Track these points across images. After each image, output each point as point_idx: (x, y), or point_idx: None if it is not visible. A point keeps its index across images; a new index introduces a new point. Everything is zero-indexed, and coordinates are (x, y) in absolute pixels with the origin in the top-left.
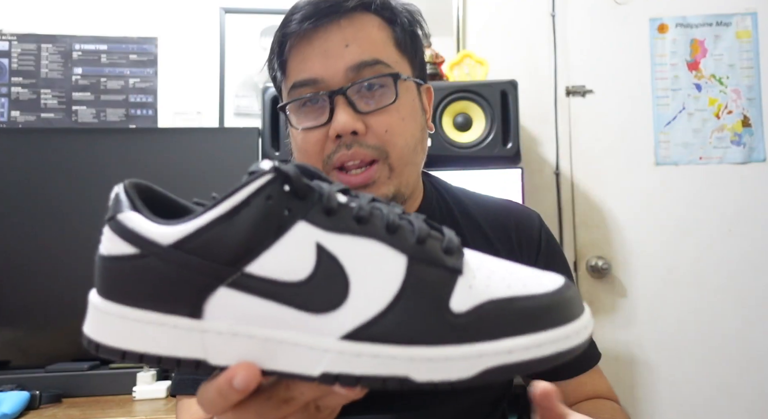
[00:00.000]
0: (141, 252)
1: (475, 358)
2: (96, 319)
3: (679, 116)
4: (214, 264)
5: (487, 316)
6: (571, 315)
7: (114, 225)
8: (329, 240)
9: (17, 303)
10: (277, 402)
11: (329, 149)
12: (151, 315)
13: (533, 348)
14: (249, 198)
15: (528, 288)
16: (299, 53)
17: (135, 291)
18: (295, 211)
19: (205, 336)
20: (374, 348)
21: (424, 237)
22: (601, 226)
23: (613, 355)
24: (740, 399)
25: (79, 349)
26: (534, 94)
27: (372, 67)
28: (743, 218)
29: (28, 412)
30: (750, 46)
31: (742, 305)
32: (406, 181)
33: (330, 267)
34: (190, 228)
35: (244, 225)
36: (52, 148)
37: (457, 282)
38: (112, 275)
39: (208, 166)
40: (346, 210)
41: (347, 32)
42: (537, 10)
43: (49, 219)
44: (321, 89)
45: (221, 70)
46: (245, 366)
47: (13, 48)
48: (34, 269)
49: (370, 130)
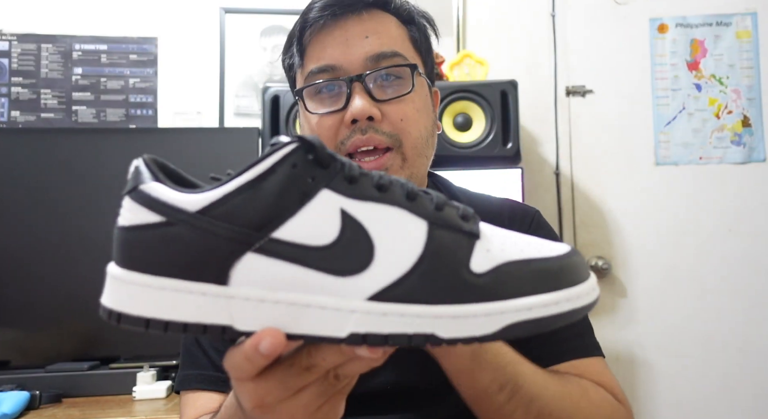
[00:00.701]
0: (167, 219)
1: (498, 315)
2: (116, 290)
3: (679, 116)
4: (242, 229)
5: (506, 276)
6: (581, 276)
7: (136, 196)
8: (353, 206)
9: (17, 303)
10: (299, 369)
11: (343, 135)
12: (177, 283)
13: (551, 305)
14: (275, 165)
15: (540, 252)
16: (319, 41)
17: (160, 259)
18: (318, 179)
19: (231, 303)
20: (400, 307)
21: (442, 204)
22: (601, 226)
23: (613, 355)
24: (740, 399)
25: (79, 349)
26: (534, 94)
27: (390, 59)
28: (743, 218)
29: (28, 412)
30: (750, 46)
31: (742, 305)
32: (417, 172)
33: (355, 231)
34: (217, 195)
35: (271, 191)
36: (52, 148)
37: (475, 245)
38: (135, 244)
39: (208, 166)
40: (367, 179)
41: (368, 25)
42: (537, 10)
43: (49, 219)
44: (338, 76)
45: (221, 70)
46: (271, 332)
47: (13, 48)
48: (34, 269)
49: (385, 118)
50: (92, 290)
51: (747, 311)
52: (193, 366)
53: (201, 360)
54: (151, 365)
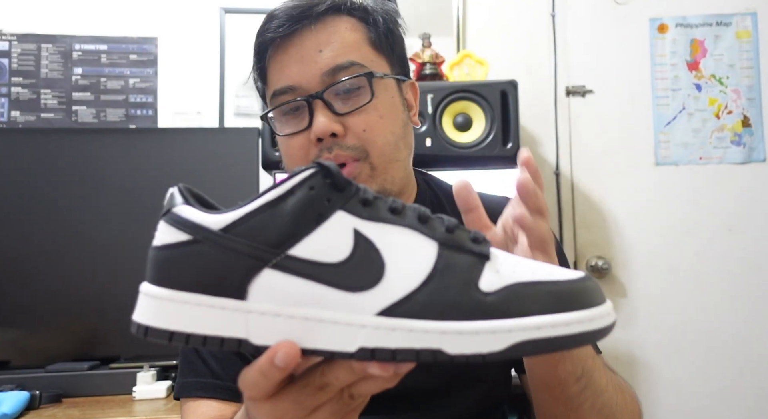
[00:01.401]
0: (194, 238)
1: (505, 333)
2: (146, 306)
3: (679, 116)
4: (260, 246)
5: (515, 295)
6: (595, 301)
7: (169, 218)
8: (366, 227)
9: (17, 303)
10: (313, 389)
11: (313, 154)
12: (199, 298)
13: (560, 326)
14: (294, 188)
15: (553, 276)
16: (276, 61)
17: (185, 275)
18: (334, 201)
19: (248, 317)
20: (408, 322)
21: (453, 227)
22: (601, 226)
23: (613, 355)
24: (740, 399)
25: (79, 349)
26: (534, 94)
27: (347, 70)
28: (743, 218)
29: (28, 412)
30: (750, 46)
31: (742, 305)
32: (391, 177)
33: (367, 250)
34: (239, 214)
35: (289, 211)
36: (52, 148)
37: (485, 266)
38: (165, 262)
39: (208, 166)
40: (381, 202)
41: (320, 37)
42: (537, 10)
43: (49, 219)
44: (299, 95)
45: (221, 70)
46: (286, 345)
47: (13, 48)
48: (34, 269)
49: (348, 131)
50: (92, 290)
51: (747, 311)
52: (192, 374)
53: (200, 368)
54: (151, 365)
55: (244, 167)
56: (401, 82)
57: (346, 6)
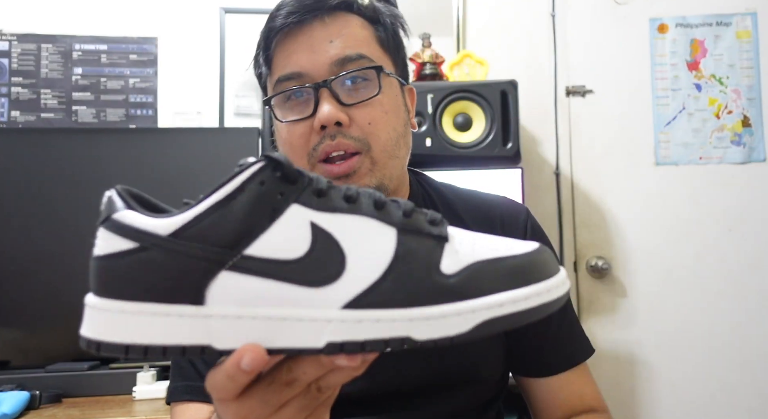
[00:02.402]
0: (140, 245)
1: (469, 313)
2: (94, 319)
3: (679, 116)
4: (214, 248)
5: (476, 275)
6: (551, 271)
7: (110, 225)
8: (322, 218)
9: (17, 303)
10: (280, 385)
11: (314, 141)
12: (153, 307)
13: (521, 300)
14: (243, 184)
15: (510, 250)
16: (284, 48)
17: (135, 284)
18: (287, 194)
19: (209, 322)
20: (374, 313)
21: (410, 211)
22: (601, 226)
23: (613, 355)
24: (740, 399)
25: (79, 349)
26: (534, 94)
27: (356, 62)
28: (743, 218)
29: (28, 412)
30: (750, 46)
31: (742, 305)
32: (389, 174)
33: (326, 243)
34: (188, 217)
35: (241, 209)
36: (52, 148)
37: (445, 248)
38: (110, 272)
39: (208, 166)
40: (335, 191)
41: (331, 29)
42: (537, 10)
43: (49, 219)
44: (306, 82)
45: (221, 70)
46: (251, 348)
47: (13, 48)
48: (33, 269)
49: (353, 122)
50: None
51: (747, 311)
52: (181, 378)
53: (188, 371)
54: (151, 365)
55: None
56: (402, 86)
57: (358, 5)
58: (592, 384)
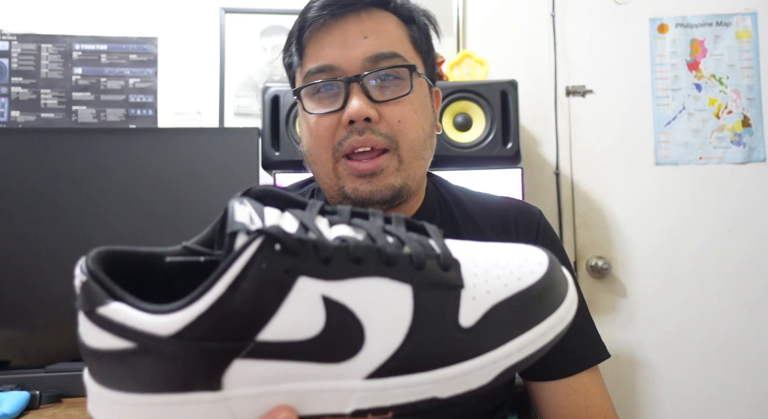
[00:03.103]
0: (139, 346)
1: (491, 365)
2: (104, 408)
3: (679, 116)
4: (224, 343)
5: (494, 324)
6: (561, 295)
7: (97, 320)
8: (333, 289)
9: (17, 303)
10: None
11: (340, 135)
12: (167, 398)
13: (537, 339)
14: (244, 270)
15: (522, 281)
16: (318, 40)
17: (142, 380)
18: (292, 269)
19: (229, 403)
20: (399, 380)
21: (422, 261)
22: (601, 226)
23: (613, 355)
24: (741, 399)
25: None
26: (534, 94)
27: (389, 60)
28: (743, 218)
29: (28, 412)
30: (750, 46)
31: (742, 305)
32: (414, 174)
33: (341, 316)
34: (190, 316)
35: (246, 298)
36: (52, 148)
37: (461, 296)
38: (109, 368)
39: (208, 166)
40: (340, 253)
41: (366, 25)
42: (537, 10)
43: (48, 219)
44: (337, 76)
45: (221, 70)
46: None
47: (13, 48)
48: (34, 269)
49: (382, 119)
50: None
51: (747, 311)
52: None
53: None
54: None
55: (244, 167)
56: (430, 87)
57: (394, 3)
58: (601, 395)
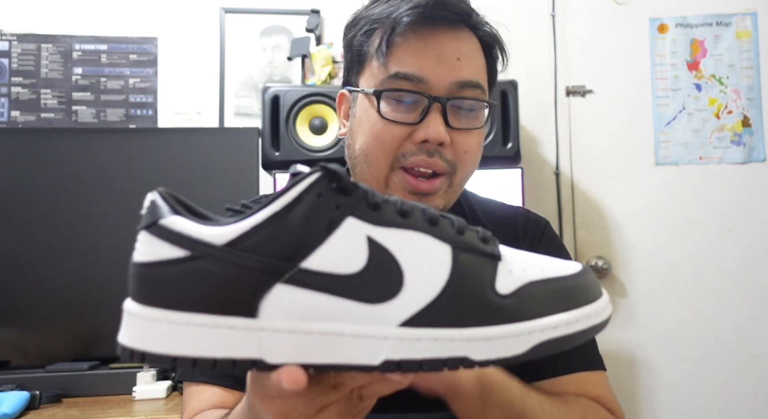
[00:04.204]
0: (192, 254)
1: (526, 335)
2: (137, 327)
3: (679, 116)
4: (271, 260)
5: (529, 296)
6: (596, 293)
7: (156, 231)
8: (379, 233)
9: (17, 303)
10: (326, 387)
11: (406, 149)
12: (203, 318)
13: (573, 322)
14: (301, 195)
15: (558, 271)
16: (412, 46)
17: (185, 294)
18: (344, 207)
19: (261, 335)
20: (433, 332)
21: (463, 228)
22: (601, 226)
23: (613, 355)
24: (740, 399)
25: (79, 349)
26: (534, 94)
27: (473, 89)
28: (743, 218)
29: (28, 412)
30: (750, 46)
31: (742, 305)
32: (453, 199)
33: (383, 259)
34: (244, 227)
35: (298, 221)
36: (52, 148)
37: (498, 267)
38: (157, 281)
39: (208, 166)
40: (389, 205)
41: (462, 46)
42: (537, 10)
43: (49, 219)
44: (422, 89)
45: (221, 70)
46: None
47: (13, 48)
48: (34, 269)
49: (452, 145)
50: (92, 290)
51: (747, 311)
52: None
53: None
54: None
55: (244, 167)
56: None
57: (482, 31)
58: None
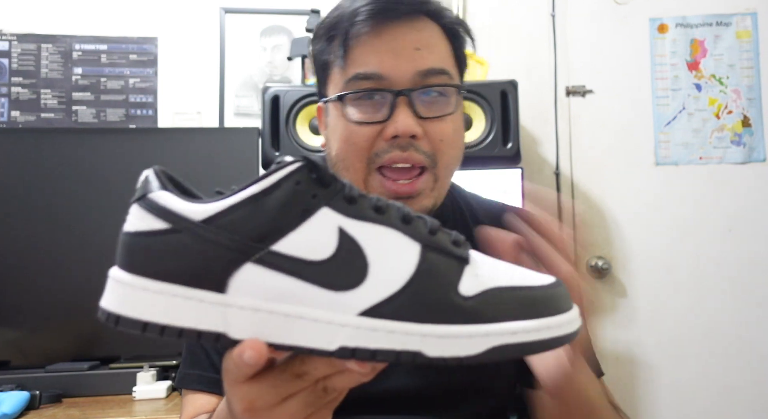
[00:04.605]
0: (173, 227)
1: (482, 337)
2: (117, 292)
3: (679, 116)
4: (243, 239)
5: (492, 300)
6: (565, 307)
7: (144, 204)
8: (350, 225)
9: (17, 303)
10: (290, 375)
11: (379, 147)
12: (176, 288)
13: (533, 331)
14: (280, 181)
15: (527, 280)
16: (366, 44)
17: (163, 265)
18: (320, 197)
19: (227, 311)
20: (390, 324)
21: (435, 229)
22: (601, 226)
23: (613, 355)
24: (740, 399)
25: (79, 349)
26: (534, 94)
27: (438, 76)
28: (743, 218)
29: (28, 412)
30: (750, 46)
31: (742, 305)
32: (443, 192)
33: (351, 249)
34: (222, 206)
35: (274, 205)
36: (52, 148)
37: (465, 269)
38: (139, 249)
39: (208, 166)
40: (365, 200)
41: (419, 36)
42: (537, 10)
43: (48, 219)
44: (384, 86)
45: (221, 70)
46: (252, 344)
47: (13, 48)
48: (34, 269)
49: (425, 136)
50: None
51: (747, 311)
52: (195, 366)
53: (203, 361)
54: (151, 365)
55: (244, 167)
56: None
57: (445, 19)
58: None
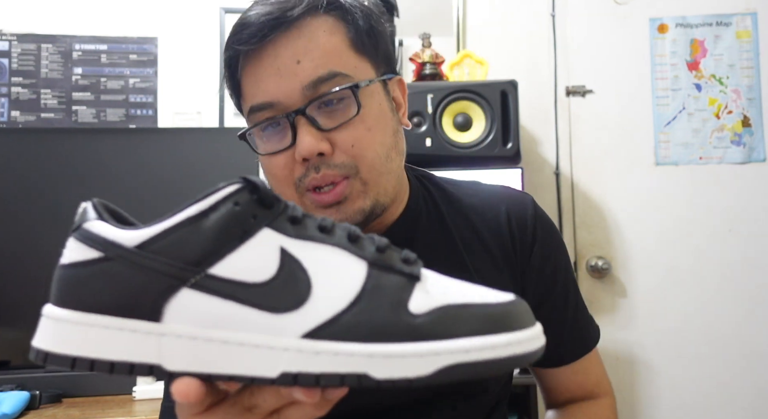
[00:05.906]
0: (105, 255)
1: (432, 356)
2: (47, 329)
3: (679, 116)
4: (178, 264)
5: (444, 317)
6: (525, 323)
7: (79, 234)
8: (293, 245)
9: (17, 303)
10: (241, 409)
11: (299, 172)
12: (107, 320)
13: (488, 349)
14: (217, 203)
15: (483, 297)
16: (251, 74)
17: (94, 295)
18: (260, 218)
19: (162, 340)
20: (333, 345)
21: (384, 247)
22: (601, 226)
23: (613, 355)
24: (740, 399)
25: None
26: (534, 94)
27: (329, 82)
28: (743, 218)
29: (28, 412)
30: (750, 46)
31: (742, 305)
32: (384, 190)
33: (293, 269)
34: (155, 230)
35: (211, 228)
36: (52, 148)
37: (415, 287)
38: (71, 281)
39: (208, 166)
40: (310, 220)
41: (297, 45)
42: (537, 10)
43: (48, 219)
44: (280, 111)
45: (221, 70)
46: (180, 385)
47: (13, 48)
48: (34, 269)
49: (336, 148)
50: None
51: (747, 311)
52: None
53: None
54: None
55: (244, 167)
56: (387, 82)
57: (323, 5)
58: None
